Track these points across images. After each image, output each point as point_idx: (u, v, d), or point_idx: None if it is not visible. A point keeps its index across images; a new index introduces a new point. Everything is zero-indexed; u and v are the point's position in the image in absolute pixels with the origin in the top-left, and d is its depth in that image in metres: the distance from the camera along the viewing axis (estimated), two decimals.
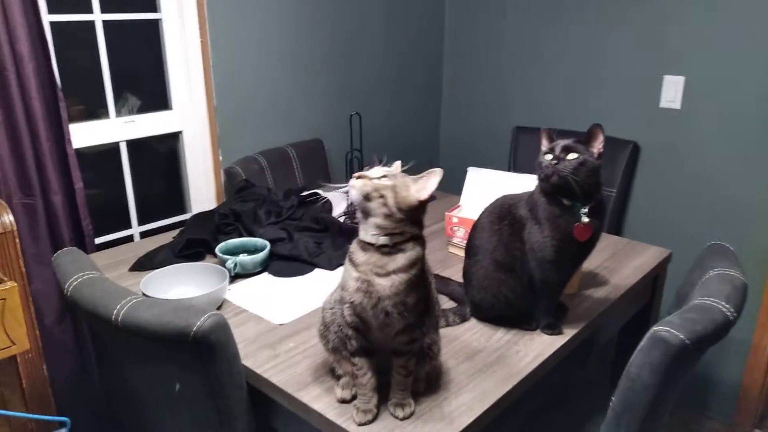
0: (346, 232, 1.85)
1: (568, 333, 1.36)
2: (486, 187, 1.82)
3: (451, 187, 1.87)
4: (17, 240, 1.27)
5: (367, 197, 0.99)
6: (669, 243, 1.89)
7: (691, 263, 1.46)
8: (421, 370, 1.12)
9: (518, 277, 1.31)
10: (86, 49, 1.95)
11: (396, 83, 2.91)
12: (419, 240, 1.05)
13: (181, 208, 2.30)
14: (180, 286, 1.50)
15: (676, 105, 2.42)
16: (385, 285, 0.99)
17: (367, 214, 1.01)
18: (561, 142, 1.25)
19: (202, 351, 1.11)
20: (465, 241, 1.75)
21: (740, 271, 1.31)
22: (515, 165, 2.68)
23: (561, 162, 1.22)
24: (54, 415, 1.42)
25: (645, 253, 1.78)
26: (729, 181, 2.30)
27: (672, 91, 2.42)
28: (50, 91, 1.69)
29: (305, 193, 2.08)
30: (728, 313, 1.15)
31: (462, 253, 1.74)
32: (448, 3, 3.04)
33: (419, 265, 1.03)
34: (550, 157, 1.24)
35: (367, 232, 1.01)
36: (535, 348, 1.30)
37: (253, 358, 1.25)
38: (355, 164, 2.08)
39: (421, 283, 1.04)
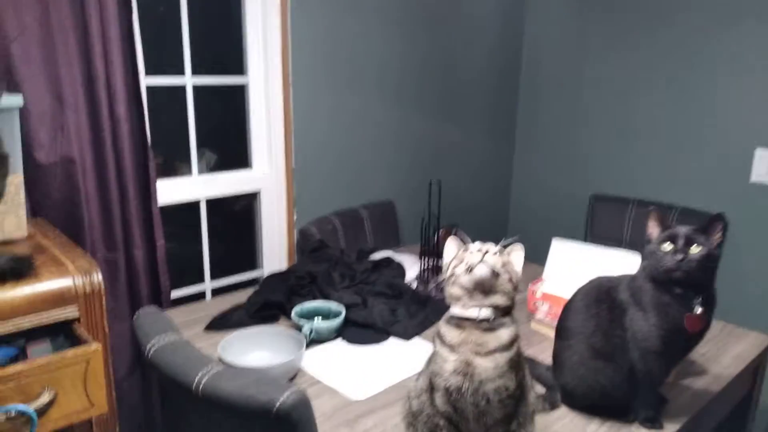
0: (420, 299, 1.79)
1: (669, 428, 1.24)
2: (572, 261, 1.74)
3: (526, 255, 1.80)
4: (104, 299, 1.28)
5: (495, 273, 0.95)
6: (762, 325, 1.75)
7: None
8: None
9: (617, 366, 1.22)
10: (174, 109, 2.01)
11: (468, 147, 2.90)
12: (512, 315, 0.99)
13: (253, 265, 2.31)
14: (256, 350, 1.47)
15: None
16: (487, 366, 0.93)
17: (487, 291, 0.96)
18: (681, 231, 1.17)
19: (282, 428, 1.07)
20: (548, 317, 1.67)
21: None
22: (592, 234, 2.58)
23: (686, 256, 1.14)
24: None
25: (744, 339, 1.64)
26: None
27: (764, 165, 2.30)
28: (142, 150, 1.74)
29: (378, 257, 2.05)
30: None
31: (545, 330, 1.67)
32: (524, 62, 3.03)
33: (518, 342, 0.97)
34: (670, 247, 1.16)
35: (466, 306, 0.96)
36: None
37: None
38: (430, 230, 2.04)
39: (519, 364, 0.98)
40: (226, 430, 1.20)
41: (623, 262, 1.66)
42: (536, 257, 2.27)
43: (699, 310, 1.14)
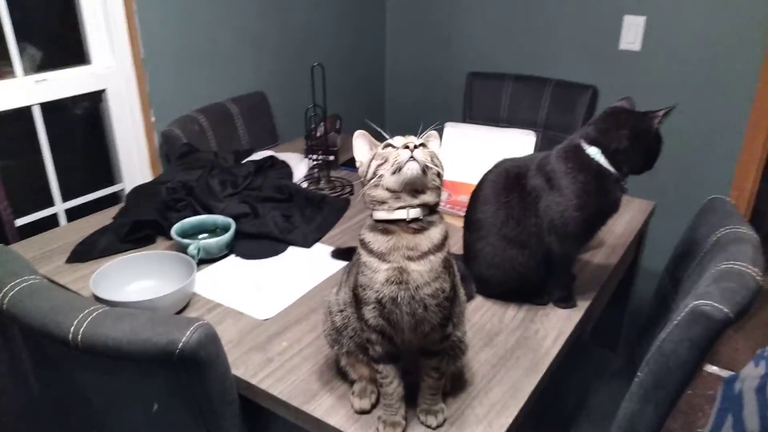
0: (314, 200, 1.65)
1: (582, 305, 1.26)
2: (467, 145, 1.67)
3: None
4: None
5: (425, 169, 0.82)
6: (636, 191, 1.83)
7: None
8: (451, 368, 0.98)
9: (532, 252, 1.18)
10: None
11: (337, 30, 2.67)
12: (438, 212, 0.89)
13: (111, 179, 2.00)
14: (138, 280, 1.27)
15: (636, 47, 2.35)
16: (422, 270, 0.83)
17: (416, 190, 0.84)
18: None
19: (189, 369, 0.92)
20: (449, 206, 1.61)
21: (750, 228, 1.25)
22: (471, 114, 2.54)
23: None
24: None
25: (630, 206, 1.70)
26: (692, 127, 2.28)
27: (632, 33, 2.34)
28: None
29: (257, 157, 1.86)
30: (758, 278, 1.09)
31: (449, 219, 1.61)
32: None
33: (448, 240, 0.88)
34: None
35: (392, 208, 0.84)
36: (554, 325, 1.19)
37: (244, 365, 1.07)
38: (312, 121, 1.86)
39: (450, 263, 0.89)
40: (121, 382, 1.03)
41: (519, 143, 1.62)
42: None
43: (625, 187, 1.13)
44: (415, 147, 0.83)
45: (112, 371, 1.00)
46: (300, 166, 1.87)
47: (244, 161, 1.83)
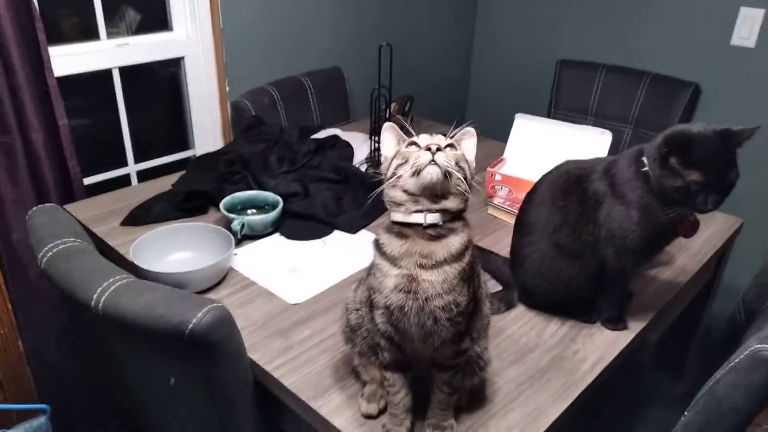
0: (369, 185, 1.61)
1: (634, 328, 1.14)
2: (537, 139, 1.56)
3: (485, 130, 1.60)
4: None
5: (447, 174, 0.76)
6: (731, 207, 1.65)
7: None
8: (467, 383, 0.92)
9: (584, 264, 1.08)
10: None
11: (422, 7, 2.58)
12: (464, 218, 0.82)
13: (184, 144, 2.06)
14: (178, 251, 1.29)
15: (750, 43, 2.10)
16: (434, 280, 0.77)
17: (438, 196, 0.78)
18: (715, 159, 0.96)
19: (200, 350, 0.91)
20: (507, 203, 1.52)
21: None
22: (557, 104, 2.39)
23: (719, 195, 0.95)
24: (34, 398, 1.25)
25: (713, 221, 1.53)
26: None
27: (747, 27, 2.09)
28: (24, 7, 1.42)
29: (322, 135, 1.84)
30: None
31: (503, 216, 1.52)
32: None
33: (471, 250, 0.81)
34: (700, 179, 0.95)
35: (409, 211, 0.78)
36: (596, 347, 1.09)
37: (263, 349, 1.06)
38: (382, 103, 1.81)
39: (472, 275, 0.83)
40: (142, 351, 1.05)
41: (594, 143, 1.50)
42: (497, 133, 2.09)
43: (692, 217, 1.00)
44: (438, 149, 0.76)
45: (132, 341, 1.02)
46: (363, 148, 1.83)
47: (307, 138, 1.82)
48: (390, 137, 0.85)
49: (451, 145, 0.80)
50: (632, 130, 2.25)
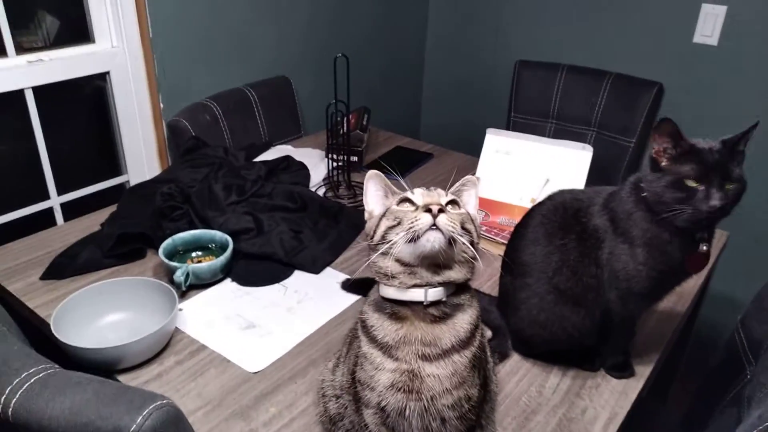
0: (330, 211, 1.45)
1: (642, 372, 1.02)
2: (512, 157, 1.43)
3: (444, 140, 1.46)
4: None
5: (452, 241, 0.61)
6: None
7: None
8: None
9: (588, 311, 0.95)
10: None
11: (374, 12, 2.42)
12: (469, 288, 0.67)
13: (115, 170, 1.83)
14: (111, 312, 1.08)
15: (713, 41, 2.04)
16: (441, 375, 0.62)
17: (440, 266, 0.62)
18: (710, 159, 0.84)
19: None
20: (485, 229, 1.38)
21: None
22: (517, 108, 2.28)
23: (725, 201, 0.83)
24: None
25: None
26: None
27: (710, 24, 2.03)
28: None
29: (273, 155, 1.65)
30: None
31: (482, 245, 1.38)
32: None
33: (480, 327, 0.66)
34: (701, 188, 0.83)
35: (404, 285, 0.62)
36: (606, 402, 0.96)
37: None
38: (338, 118, 1.64)
39: (482, 356, 0.68)
40: None
41: (574, 159, 1.37)
42: (463, 146, 1.96)
43: (705, 247, 0.88)
44: (441, 210, 0.60)
45: None
46: (319, 167, 1.65)
47: (256, 159, 1.63)
48: (375, 189, 0.69)
49: (452, 201, 0.64)
50: (595, 134, 2.16)
